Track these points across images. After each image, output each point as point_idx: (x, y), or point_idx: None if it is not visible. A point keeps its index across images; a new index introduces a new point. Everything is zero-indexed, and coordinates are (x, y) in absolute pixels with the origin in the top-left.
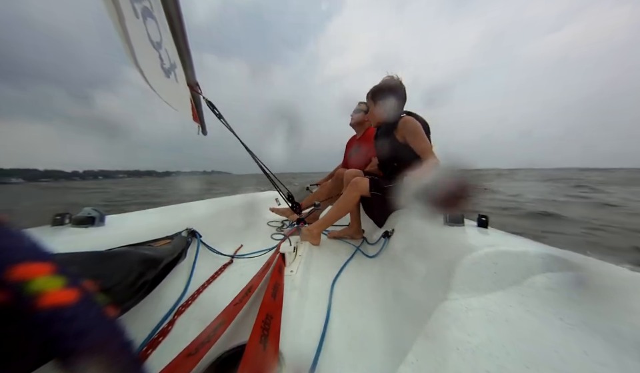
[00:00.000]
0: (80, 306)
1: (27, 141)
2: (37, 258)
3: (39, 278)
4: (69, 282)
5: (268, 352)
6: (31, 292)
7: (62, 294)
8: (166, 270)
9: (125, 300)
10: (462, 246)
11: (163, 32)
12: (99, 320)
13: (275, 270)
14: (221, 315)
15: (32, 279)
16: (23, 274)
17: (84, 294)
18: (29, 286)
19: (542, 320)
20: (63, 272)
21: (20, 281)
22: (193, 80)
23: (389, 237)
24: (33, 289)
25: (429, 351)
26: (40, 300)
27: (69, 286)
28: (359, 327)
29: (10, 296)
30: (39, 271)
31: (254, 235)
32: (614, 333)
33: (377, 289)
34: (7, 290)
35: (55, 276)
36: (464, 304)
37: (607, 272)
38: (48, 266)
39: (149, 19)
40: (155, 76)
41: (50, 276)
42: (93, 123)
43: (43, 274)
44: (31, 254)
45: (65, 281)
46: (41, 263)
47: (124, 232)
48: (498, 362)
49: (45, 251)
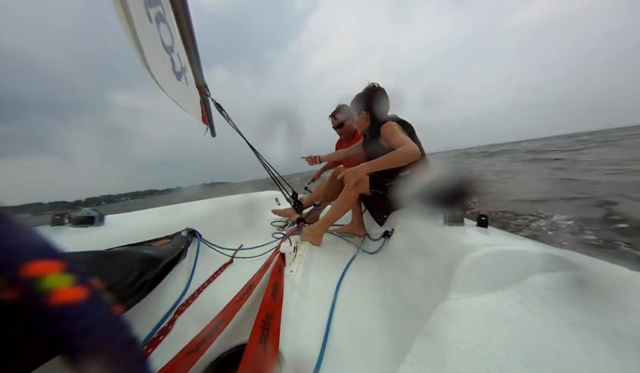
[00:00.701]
0: (88, 304)
1: (25, 177)
2: (48, 255)
3: (50, 276)
4: (78, 280)
5: (268, 352)
6: (42, 290)
7: (71, 291)
8: (166, 270)
9: (126, 300)
10: (462, 245)
11: (174, 37)
12: (107, 317)
13: (275, 269)
14: (222, 312)
15: (43, 276)
16: (35, 272)
17: (92, 292)
18: (40, 284)
19: (542, 319)
20: (72, 270)
21: (31, 278)
22: (202, 83)
23: (389, 236)
24: (44, 286)
25: (429, 351)
26: (51, 297)
27: (78, 284)
28: (358, 326)
29: (22, 293)
30: (49, 269)
31: (254, 235)
32: (614, 333)
33: (377, 289)
34: (18, 288)
35: (65, 273)
36: (464, 303)
37: (607, 272)
38: (58, 264)
39: (161, 24)
40: (167, 79)
41: (60, 274)
42: (88, 150)
43: (53, 272)
44: (42, 252)
45: (74, 279)
46: (52, 261)
47: (124, 231)
48: (498, 362)
49: (55, 249)
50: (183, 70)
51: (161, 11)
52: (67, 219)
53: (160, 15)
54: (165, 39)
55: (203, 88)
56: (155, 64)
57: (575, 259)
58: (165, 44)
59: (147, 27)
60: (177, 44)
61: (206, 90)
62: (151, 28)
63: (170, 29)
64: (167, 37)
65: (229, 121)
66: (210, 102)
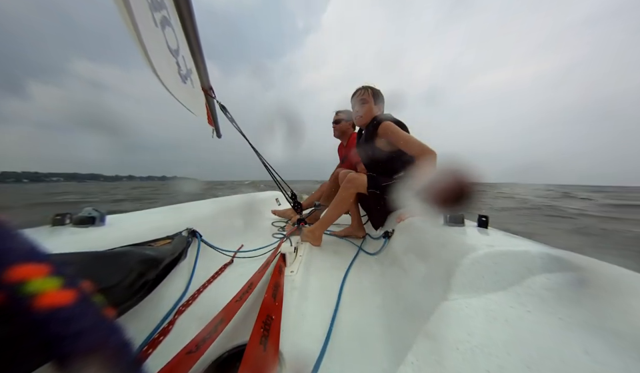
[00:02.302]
0: (77, 307)
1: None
2: (32, 258)
3: (35, 280)
4: (66, 283)
5: (268, 353)
6: (27, 294)
7: (59, 294)
8: (166, 270)
9: (126, 300)
10: (462, 246)
11: (179, 40)
12: (97, 320)
13: (276, 270)
14: (221, 312)
15: (28, 280)
16: (19, 276)
17: (81, 295)
18: (25, 288)
19: (542, 320)
20: (59, 273)
21: (16, 283)
22: (207, 85)
23: (389, 237)
24: (28, 290)
25: (429, 351)
26: (36, 301)
27: (66, 287)
28: (358, 327)
29: (5, 298)
30: (34, 272)
31: (254, 235)
32: (614, 333)
33: (377, 289)
34: (2, 292)
35: (51, 276)
36: (464, 304)
37: (607, 272)
38: (44, 267)
39: (167, 28)
40: (173, 82)
41: (46, 277)
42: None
43: (39, 275)
44: (27, 255)
45: (61, 282)
46: (37, 264)
47: (124, 232)
48: (498, 362)
49: (41, 251)
50: (188, 72)
51: (166, 15)
52: (68, 219)
53: (165, 19)
54: (170, 43)
55: (208, 90)
56: (162, 68)
57: (575, 260)
58: (171, 47)
59: (152, 31)
60: (181, 47)
61: (211, 93)
62: (157, 33)
63: (175, 32)
64: (172, 40)
65: (233, 123)
66: (215, 104)
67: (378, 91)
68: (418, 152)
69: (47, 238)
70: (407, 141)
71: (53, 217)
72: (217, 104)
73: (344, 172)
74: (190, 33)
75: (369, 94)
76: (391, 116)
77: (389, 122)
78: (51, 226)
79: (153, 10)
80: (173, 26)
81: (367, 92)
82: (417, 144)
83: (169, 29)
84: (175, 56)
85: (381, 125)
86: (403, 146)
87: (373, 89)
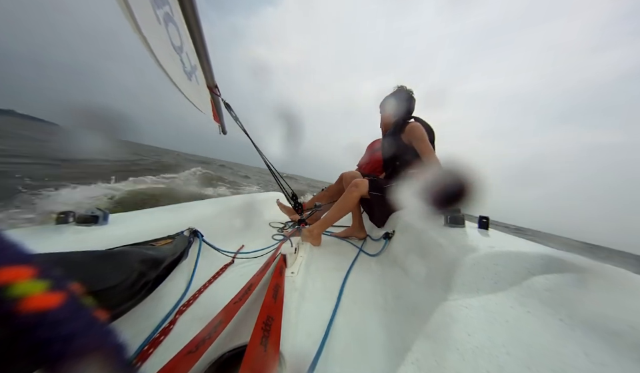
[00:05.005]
0: (66, 310)
1: None
2: (17, 261)
3: (20, 283)
4: (54, 285)
5: (269, 353)
6: (11, 297)
7: (46, 297)
8: (167, 270)
9: (126, 300)
10: (462, 246)
11: (183, 37)
12: (88, 323)
13: (276, 271)
14: (221, 313)
15: (12, 283)
16: (2, 279)
17: (70, 297)
18: (9, 291)
19: (542, 320)
20: (47, 275)
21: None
22: (212, 83)
23: (390, 238)
24: (13, 294)
25: (429, 351)
26: (22, 304)
27: (54, 290)
28: (359, 327)
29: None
30: (19, 275)
31: (255, 236)
32: (614, 333)
33: (377, 290)
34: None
35: (37, 279)
36: (464, 304)
37: (606, 273)
38: (30, 269)
39: (170, 24)
40: (179, 79)
41: (32, 280)
42: None
43: (23, 278)
44: (11, 258)
45: (48, 284)
46: (22, 266)
47: (126, 231)
48: (498, 362)
49: (25, 253)
50: (192, 69)
51: (169, 11)
52: (71, 218)
53: (168, 15)
54: (173, 40)
55: (213, 88)
56: (168, 65)
57: (574, 261)
58: (174, 44)
59: (156, 28)
60: (185, 44)
61: (216, 91)
62: (160, 30)
63: (178, 29)
64: (175, 37)
65: (237, 121)
66: (220, 102)
67: (395, 97)
68: (426, 155)
69: (51, 237)
70: (424, 144)
71: (57, 215)
72: (221, 102)
73: (347, 174)
74: (194, 30)
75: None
76: (420, 119)
77: (416, 124)
78: (55, 224)
79: (156, 8)
80: (176, 22)
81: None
82: (429, 150)
83: (172, 26)
84: (178, 54)
85: (409, 124)
86: (418, 145)
87: (387, 98)
